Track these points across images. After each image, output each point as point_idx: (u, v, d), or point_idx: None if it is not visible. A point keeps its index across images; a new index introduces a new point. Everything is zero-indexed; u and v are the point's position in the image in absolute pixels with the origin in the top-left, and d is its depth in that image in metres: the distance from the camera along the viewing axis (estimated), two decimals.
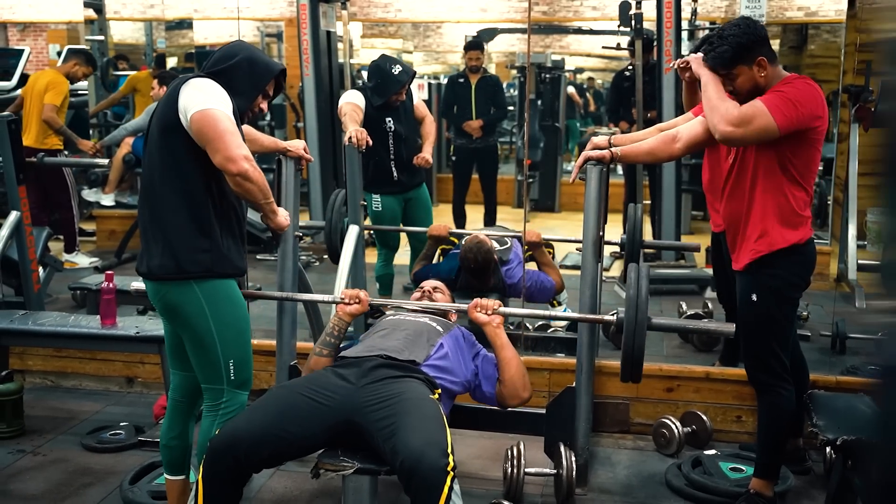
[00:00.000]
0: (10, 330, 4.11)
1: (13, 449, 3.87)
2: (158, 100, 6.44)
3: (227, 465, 2.58)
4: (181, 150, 2.70)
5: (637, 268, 3.00)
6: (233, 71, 2.80)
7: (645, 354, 2.99)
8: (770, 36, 3.15)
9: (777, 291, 3.10)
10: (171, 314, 2.83)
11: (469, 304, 3.22)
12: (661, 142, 3.46)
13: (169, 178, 2.73)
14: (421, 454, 2.44)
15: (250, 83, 2.84)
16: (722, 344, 4.62)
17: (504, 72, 10.86)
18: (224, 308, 2.79)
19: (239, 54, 2.84)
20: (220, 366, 2.81)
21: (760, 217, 3.07)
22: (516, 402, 3.15)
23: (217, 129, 2.62)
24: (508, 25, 9.68)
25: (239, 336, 2.84)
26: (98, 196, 6.66)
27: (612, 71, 9.77)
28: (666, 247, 6.01)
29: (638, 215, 4.55)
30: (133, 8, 8.98)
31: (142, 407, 4.33)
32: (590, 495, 3.50)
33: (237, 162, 2.62)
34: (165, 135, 2.73)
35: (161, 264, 2.75)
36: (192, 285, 2.75)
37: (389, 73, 4.83)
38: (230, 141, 2.62)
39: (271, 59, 2.96)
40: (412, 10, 9.49)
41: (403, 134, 5.00)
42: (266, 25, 9.78)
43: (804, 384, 3.53)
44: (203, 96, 2.67)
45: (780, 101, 2.90)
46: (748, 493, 3.26)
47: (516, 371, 3.12)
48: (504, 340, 3.15)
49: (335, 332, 3.18)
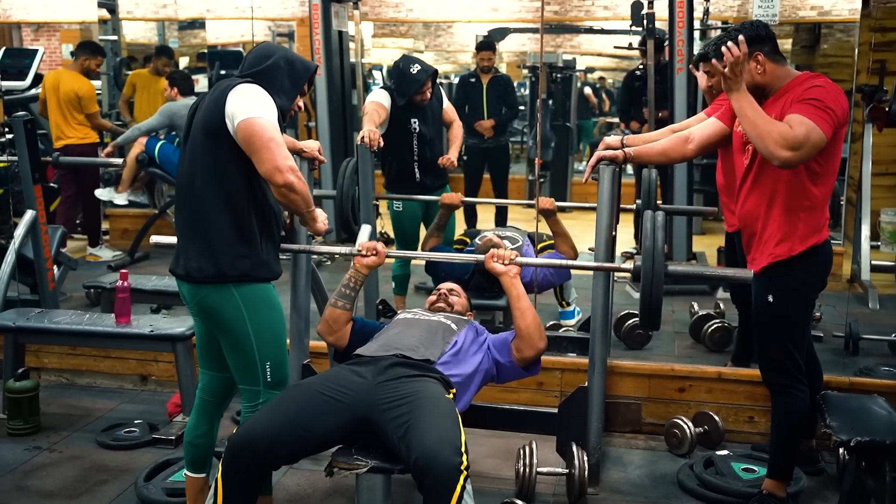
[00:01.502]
0: (25, 328, 4.15)
1: (29, 446, 3.90)
2: (171, 100, 6.52)
3: (246, 463, 2.60)
4: (225, 154, 2.71)
5: (652, 214, 2.98)
6: (273, 71, 2.81)
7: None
8: (783, 35, 3.17)
9: (793, 293, 3.10)
10: (207, 316, 2.86)
11: (486, 254, 3.22)
12: (673, 142, 3.47)
13: (211, 181, 2.74)
14: (435, 452, 2.45)
15: (290, 82, 2.85)
16: (734, 344, 4.61)
17: (515, 71, 10.85)
18: (261, 311, 2.82)
19: (275, 54, 2.84)
20: (258, 368, 2.85)
21: (780, 220, 3.06)
22: (532, 352, 3.13)
23: (264, 139, 2.63)
24: (520, 25, 9.67)
25: (275, 338, 2.87)
26: (111, 195, 6.68)
27: (624, 71, 9.76)
28: (681, 211, 5.94)
29: (652, 179, 4.50)
30: (146, 8, 9.02)
31: (156, 405, 4.35)
32: (602, 495, 3.50)
33: (284, 173, 2.64)
34: (209, 138, 2.73)
35: (199, 267, 2.77)
36: (231, 289, 2.77)
37: (407, 73, 4.78)
38: (277, 151, 2.63)
39: (305, 59, 2.96)
40: (423, 10, 9.48)
41: (428, 136, 4.95)
42: (278, 25, 9.79)
43: (817, 385, 3.53)
44: (251, 103, 2.67)
45: (819, 112, 2.86)
46: (761, 494, 3.26)
47: (532, 320, 3.12)
48: (520, 290, 3.15)
49: (352, 283, 3.19)
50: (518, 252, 4.52)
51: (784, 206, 3.05)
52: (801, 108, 2.87)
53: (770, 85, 3.06)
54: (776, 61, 3.04)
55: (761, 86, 3.05)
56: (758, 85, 3.05)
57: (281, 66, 2.82)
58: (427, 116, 4.94)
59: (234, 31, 9.57)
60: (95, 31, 8.69)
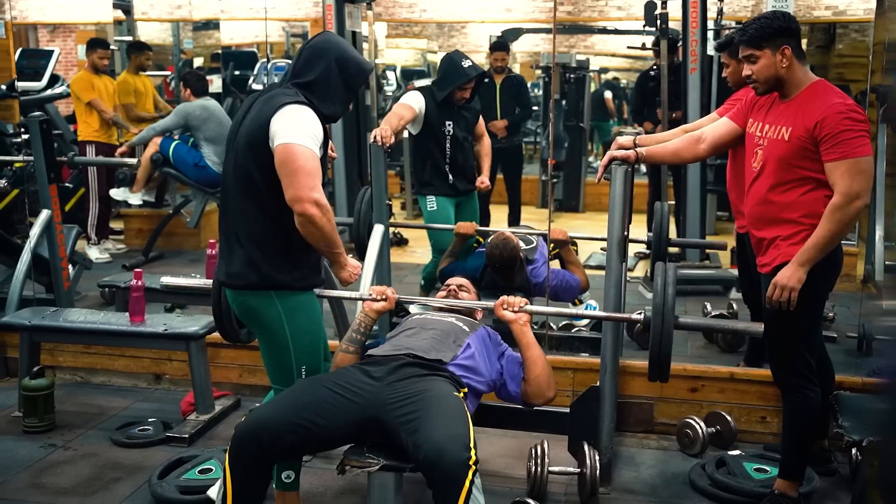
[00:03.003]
0: (41, 326, 4.18)
1: (45, 443, 3.93)
2: (186, 101, 6.54)
3: (251, 451, 2.63)
4: (269, 167, 2.72)
5: (664, 266, 3.00)
6: (325, 80, 2.81)
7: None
8: None
9: (804, 293, 3.09)
10: (248, 317, 2.91)
11: (495, 301, 3.23)
12: (686, 142, 3.47)
13: (254, 192, 2.77)
14: (443, 448, 2.47)
15: (344, 87, 2.86)
16: (747, 344, 4.60)
17: (529, 72, 10.85)
18: (301, 318, 2.87)
19: (328, 55, 2.82)
20: (293, 371, 2.90)
21: (792, 222, 3.06)
22: (541, 401, 3.16)
23: (293, 167, 2.65)
24: (533, 25, 9.68)
25: (313, 344, 2.93)
26: (126, 195, 6.72)
27: (637, 71, 9.73)
28: (693, 245, 5.96)
29: (665, 213, 4.54)
30: (161, 9, 9.06)
31: (170, 403, 4.38)
32: (613, 494, 3.50)
33: (303, 202, 2.65)
34: (254, 149, 2.75)
35: (240, 274, 2.81)
36: (272, 295, 2.82)
37: (458, 65, 4.81)
38: (303, 181, 2.64)
39: (361, 57, 2.93)
40: (437, 11, 9.50)
41: (461, 139, 4.96)
42: (292, 26, 9.82)
43: (830, 385, 3.52)
44: (292, 128, 2.68)
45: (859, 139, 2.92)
46: (773, 494, 3.25)
47: (542, 370, 3.13)
48: (530, 339, 3.16)
49: (361, 328, 3.19)
50: (531, 255, 4.56)
51: (795, 208, 3.05)
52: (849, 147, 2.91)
53: (789, 82, 3.04)
54: (799, 59, 3.04)
55: (782, 80, 3.04)
56: (780, 78, 3.04)
57: (333, 71, 2.81)
58: (461, 121, 4.96)
59: (249, 31, 9.59)
60: (110, 32, 8.74)
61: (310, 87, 2.80)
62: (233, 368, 4.52)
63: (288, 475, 2.99)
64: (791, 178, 3.04)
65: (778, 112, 3.09)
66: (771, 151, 3.07)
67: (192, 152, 6.49)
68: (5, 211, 6.16)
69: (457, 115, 4.94)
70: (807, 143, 2.97)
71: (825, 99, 2.98)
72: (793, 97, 3.06)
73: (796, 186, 3.04)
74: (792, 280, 2.99)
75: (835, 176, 2.92)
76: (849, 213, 2.91)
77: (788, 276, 2.99)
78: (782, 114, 3.07)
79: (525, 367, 3.15)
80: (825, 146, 2.93)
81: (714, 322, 3.31)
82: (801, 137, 2.98)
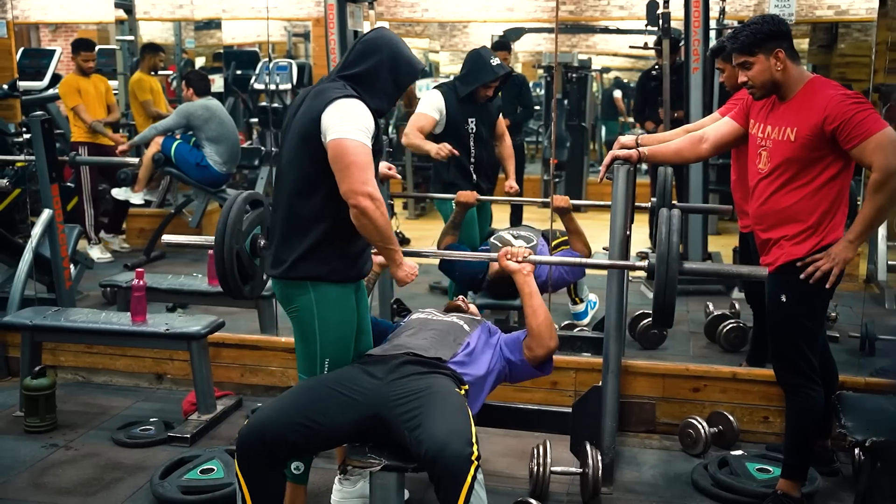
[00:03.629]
0: (42, 326, 4.18)
1: (46, 443, 3.93)
2: (188, 100, 6.55)
3: (257, 451, 2.65)
4: (321, 162, 2.75)
5: (668, 212, 2.98)
6: (375, 73, 2.83)
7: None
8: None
9: (807, 292, 3.09)
10: (285, 303, 2.96)
11: (499, 252, 3.23)
12: (688, 142, 3.47)
13: (307, 187, 2.81)
14: (445, 443, 2.47)
15: (393, 84, 2.88)
16: (749, 344, 4.60)
17: (531, 71, 10.85)
18: (331, 310, 2.90)
19: (380, 52, 2.84)
20: (317, 361, 2.93)
21: (796, 221, 3.06)
22: (544, 351, 3.12)
23: (346, 161, 2.68)
24: (535, 25, 9.67)
25: (340, 339, 2.95)
26: (127, 195, 6.72)
27: (639, 70, 9.74)
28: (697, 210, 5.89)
29: (668, 176, 4.49)
30: (162, 8, 9.07)
31: (171, 403, 4.37)
32: (615, 494, 3.50)
33: (357, 195, 2.68)
34: (306, 144, 2.78)
35: (281, 262, 2.86)
36: (307, 285, 2.86)
37: (486, 62, 4.71)
38: (357, 175, 2.68)
39: (413, 57, 2.93)
40: (439, 10, 9.50)
41: (484, 137, 4.88)
42: (294, 25, 9.83)
43: (833, 385, 3.51)
44: (344, 122, 2.71)
45: (872, 115, 2.91)
46: (775, 494, 3.25)
47: (544, 319, 3.12)
48: (533, 288, 3.15)
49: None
50: (532, 251, 4.54)
51: (801, 208, 3.05)
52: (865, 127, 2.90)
53: (786, 84, 3.05)
54: (793, 59, 3.04)
55: (779, 83, 3.05)
56: (776, 82, 3.04)
57: (384, 67, 2.84)
58: (484, 117, 4.87)
59: (250, 31, 9.61)
60: (112, 32, 8.74)
61: (358, 80, 2.83)
62: (234, 368, 4.51)
63: (297, 466, 3.00)
64: (797, 178, 3.04)
65: (779, 113, 3.09)
66: (777, 152, 3.07)
67: (193, 152, 6.49)
68: (7, 210, 6.16)
69: (480, 112, 4.84)
70: (817, 140, 2.96)
71: (823, 94, 2.99)
72: (791, 97, 3.06)
73: (802, 187, 3.04)
74: (842, 254, 3.00)
75: (865, 156, 2.92)
76: (891, 186, 2.91)
77: (839, 251, 3.00)
78: (784, 115, 3.06)
79: (526, 316, 3.14)
80: (843, 135, 2.92)
81: (718, 267, 3.23)
82: (808, 136, 2.97)
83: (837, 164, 3.00)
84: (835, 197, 3.04)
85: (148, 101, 7.40)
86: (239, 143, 6.84)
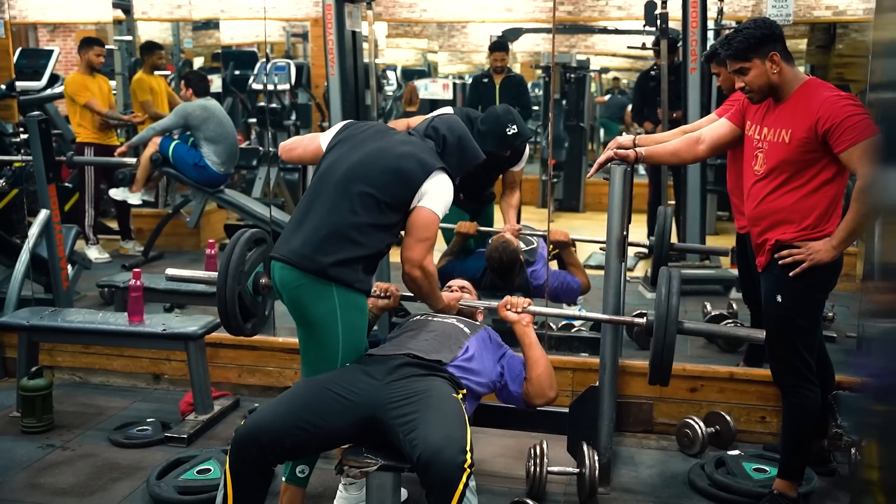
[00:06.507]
0: (39, 326, 4.18)
1: (43, 444, 3.93)
2: (187, 100, 6.55)
3: (251, 454, 2.63)
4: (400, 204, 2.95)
5: (668, 273, 2.99)
6: (450, 149, 3.11)
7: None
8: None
9: (803, 292, 3.09)
10: (299, 306, 2.95)
11: (499, 302, 3.23)
12: (685, 143, 3.48)
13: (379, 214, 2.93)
14: (439, 449, 2.46)
15: (457, 163, 3.13)
16: (746, 344, 4.59)
17: (529, 71, 10.85)
18: (354, 315, 2.96)
19: (456, 134, 3.13)
20: (337, 365, 2.94)
21: (793, 222, 3.06)
22: (542, 401, 3.15)
23: (425, 234, 2.97)
24: (533, 25, 9.67)
25: (360, 344, 3.00)
26: (125, 195, 6.72)
27: (638, 71, 9.73)
28: (695, 250, 5.95)
29: (667, 217, 4.52)
30: (161, 8, 9.07)
31: (168, 403, 4.37)
32: (612, 494, 3.50)
33: (413, 267, 2.98)
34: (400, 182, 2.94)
35: (311, 257, 2.88)
36: (332, 288, 2.89)
37: (503, 133, 4.35)
38: (423, 249, 2.98)
39: (477, 147, 3.23)
40: (437, 10, 9.50)
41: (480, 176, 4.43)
42: (292, 25, 9.83)
43: (829, 385, 3.52)
44: (440, 199, 2.98)
45: (865, 121, 2.91)
46: (772, 494, 3.25)
47: (544, 370, 3.13)
48: (533, 339, 3.17)
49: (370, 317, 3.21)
50: (531, 257, 4.54)
51: (797, 210, 3.05)
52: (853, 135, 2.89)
53: (782, 86, 3.05)
54: (788, 61, 3.04)
55: (776, 86, 3.05)
56: (773, 85, 3.04)
57: (455, 147, 3.13)
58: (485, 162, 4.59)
59: (248, 31, 9.60)
60: (110, 32, 8.73)
61: (444, 149, 3.10)
62: (232, 368, 4.51)
63: (302, 469, 3.02)
64: (793, 180, 3.04)
65: (774, 115, 3.09)
66: (772, 154, 3.07)
67: (191, 152, 6.49)
68: (4, 211, 6.14)
69: None
70: (810, 142, 2.97)
71: (818, 95, 2.99)
72: (787, 99, 3.06)
73: (798, 189, 3.04)
74: (819, 255, 3.00)
75: (853, 162, 2.92)
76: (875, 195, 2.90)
77: (818, 250, 3.00)
78: (779, 117, 3.07)
79: (527, 367, 3.15)
80: (833, 138, 2.92)
81: (717, 328, 3.31)
82: (803, 138, 2.97)
83: (833, 166, 3.00)
84: (831, 199, 3.05)
85: (147, 101, 7.39)
86: (237, 144, 6.84)
